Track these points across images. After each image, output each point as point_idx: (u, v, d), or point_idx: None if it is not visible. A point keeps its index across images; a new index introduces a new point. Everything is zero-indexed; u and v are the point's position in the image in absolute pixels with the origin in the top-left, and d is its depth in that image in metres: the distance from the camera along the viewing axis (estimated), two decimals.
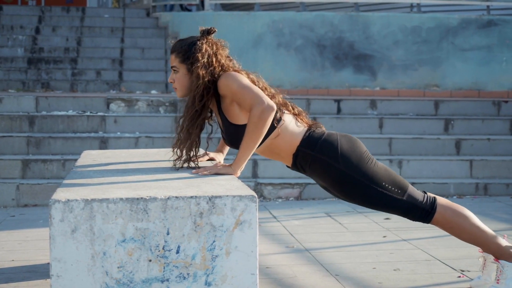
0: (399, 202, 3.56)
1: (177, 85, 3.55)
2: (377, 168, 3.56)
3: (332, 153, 3.53)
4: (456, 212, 3.61)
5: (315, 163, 3.55)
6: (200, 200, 2.78)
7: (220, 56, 3.54)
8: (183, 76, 3.52)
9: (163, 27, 11.30)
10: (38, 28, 11.18)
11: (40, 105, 7.82)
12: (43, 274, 4.18)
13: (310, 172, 3.61)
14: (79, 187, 2.99)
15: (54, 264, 2.71)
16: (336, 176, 3.53)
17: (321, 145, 3.54)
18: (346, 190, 3.57)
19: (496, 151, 7.73)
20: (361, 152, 3.57)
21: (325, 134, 3.58)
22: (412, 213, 3.59)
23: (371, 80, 10.07)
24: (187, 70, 3.51)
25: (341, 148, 3.54)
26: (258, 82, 3.55)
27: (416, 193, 3.60)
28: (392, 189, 3.54)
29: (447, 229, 3.65)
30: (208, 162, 3.79)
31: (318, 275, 4.20)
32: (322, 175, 3.58)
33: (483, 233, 3.62)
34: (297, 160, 3.59)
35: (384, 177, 3.54)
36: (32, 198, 6.63)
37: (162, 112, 7.98)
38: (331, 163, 3.52)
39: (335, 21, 10.12)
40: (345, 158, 3.52)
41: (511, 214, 6.16)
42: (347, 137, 3.62)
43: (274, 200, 6.88)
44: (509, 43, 10.03)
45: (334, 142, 3.55)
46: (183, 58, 3.51)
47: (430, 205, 3.59)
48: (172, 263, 2.78)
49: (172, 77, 3.56)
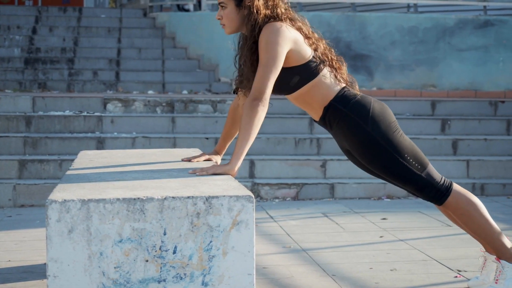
0: (417, 177, 3.55)
1: (225, 21, 3.52)
2: (403, 139, 3.56)
3: (363, 114, 3.52)
4: (469, 201, 3.61)
5: (344, 121, 3.54)
6: (197, 200, 2.78)
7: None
8: (232, 12, 3.50)
9: (160, 27, 11.30)
10: (35, 28, 11.18)
11: (36, 105, 7.82)
12: (39, 275, 4.17)
13: (337, 129, 3.59)
14: (76, 187, 2.99)
15: (51, 265, 2.71)
16: (363, 137, 3.52)
17: (354, 104, 3.54)
18: (368, 154, 3.55)
19: (493, 151, 7.74)
20: (391, 120, 3.57)
21: (360, 95, 3.59)
22: (427, 191, 3.58)
23: (368, 80, 10.07)
24: (235, 5, 3.49)
25: (373, 111, 3.54)
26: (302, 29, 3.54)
27: (435, 173, 3.60)
28: (413, 163, 3.54)
29: (457, 215, 3.63)
30: (205, 162, 3.79)
31: (315, 275, 4.20)
32: (348, 135, 3.57)
33: (491, 227, 3.62)
34: (327, 114, 3.58)
35: (407, 150, 3.54)
36: (28, 198, 6.63)
37: (159, 112, 7.97)
38: (360, 124, 3.52)
39: (332, 21, 10.13)
40: (374, 121, 3.52)
41: (508, 214, 6.16)
42: (380, 103, 3.62)
43: (271, 200, 6.88)
44: (505, 43, 10.04)
45: (367, 104, 3.55)
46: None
47: (446, 188, 3.59)
48: (169, 264, 2.77)
49: (219, 14, 3.53)
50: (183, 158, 3.84)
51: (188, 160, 3.81)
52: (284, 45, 3.40)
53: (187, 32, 10.71)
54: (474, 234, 3.67)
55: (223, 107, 8.06)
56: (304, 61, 3.49)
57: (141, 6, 13.17)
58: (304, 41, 3.51)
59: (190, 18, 10.86)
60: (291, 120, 7.82)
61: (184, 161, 3.81)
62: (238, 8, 3.49)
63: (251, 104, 3.32)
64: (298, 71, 3.47)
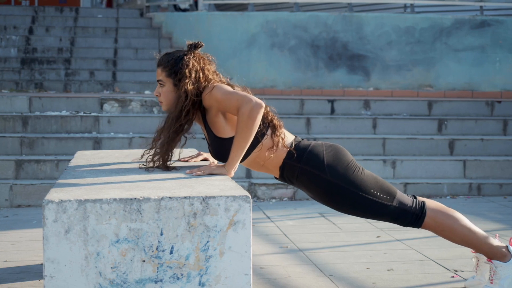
0: (389, 208, 3.56)
1: (163, 99, 3.54)
2: (364, 175, 3.55)
3: (319, 164, 3.53)
4: (446, 215, 3.61)
5: (302, 175, 3.55)
6: (193, 200, 2.78)
7: (207, 72, 3.52)
8: (169, 90, 3.52)
9: (156, 28, 11.29)
10: (32, 28, 11.16)
11: (33, 105, 7.81)
12: (36, 275, 4.17)
13: (298, 183, 3.61)
14: (73, 187, 2.99)
15: (48, 265, 2.70)
16: (324, 186, 3.53)
17: (307, 157, 3.54)
18: (335, 200, 3.57)
19: (490, 151, 7.74)
20: (347, 161, 3.57)
21: (311, 146, 3.57)
22: (402, 218, 3.60)
23: (364, 81, 10.07)
24: (173, 85, 3.50)
25: (327, 158, 3.54)
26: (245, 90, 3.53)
27: (405, 198, 3.60)
28: (381, 196, 3.54)
29: (438, 232, 3.65)
30: (202, 162, 3.79)
31: (312, 275, 4.21)
32: (310, 187, 3.58)
33: (474, 234, 3.62)
34: (284, 173, 3.60)
35: (372, 184, 3.54)
36: (25, 198, 6.62)
37: (156, 112, 7.97)
38: (318, 174, 3.52)
39: (329, 21, 10.13)
40: (331, 168, 3.52)
41: (504, 214, 6.17)
42: (333, 146, 3.61)
43: (268, 201, 6.88)
44: (502, 44, 10.05)
45: (320, 153, 3.55)
46: (169, 73, 3.50)
47: (420, 209, 3.59)
48: (166, 264, 2.77)
49: (158, 91, 3.55)
50: (180, 158, 3.85)
51: (185, 160, 3.82)
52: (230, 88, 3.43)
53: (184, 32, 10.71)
54: (460, 244, 3.68)
55: None
56: None
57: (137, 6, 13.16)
58: None
59: (187, 18, 10.85)
60: (288, 120, 7.82)
61: (181, 161, 3.81)
62: (176, 87, 3.49)
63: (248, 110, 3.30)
64: None
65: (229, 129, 3.45)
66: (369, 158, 7.42)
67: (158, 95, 3.56)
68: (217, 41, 9.89)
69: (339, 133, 7.85)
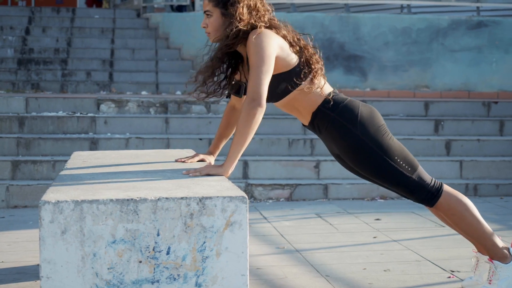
0: (408, 179, 3.56)
1: (211, 29, 3.53)
2: (392, 142, 3.56)
3: (352, 118, 3.53)
4: (460, 201, 3.61)
5: (332, 125, 3.55)
6: (190, 201, 2.78)
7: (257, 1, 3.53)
8: (217, 20, 3.51)
9: (153, 28, 11.29)
10: (28, 28, 11.16)
11: (30, 106, 7.80)
12: (32, 276, 4.16)
13: (326, 133, 3.60)
14: (69, 188, 2.98)
15: (44, 266, 2.70)
16: (352, 141, 3.53)
17: (342, 108, 3.55)
18: (358, 158, 3.56)
19: (486, 152, 7.75)
20: (379, 123, 3.58)
21: (348, 100, 3.59)
22: (418, 193, 3.59)
23: (361, 81, 10.09)
24: (221, 14, 3.49)
25: (361, 115, 3.54)
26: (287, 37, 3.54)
27: (425, 175, 3.61)
28: (403, 165, 3.55)
29: (448, 216, 3.64)
30: (199, 163, 3.79)
31: (308, 276, 4.21)
32: (337, 139, 3.58)
33: (482, 227, 3.62)
34: (315, 119, 3.59)
35: (397, 152, 3.55)
36: (22, 199, 6.61)
37: (153, 113, 7.97)
38: (349, 128, 3.53)
39: (326, 22, 10.14)
40: (363, 125, 3.53)
41: (501, 215, 6.18)
42: (369, 106, 3.62)
43: (265, 201, 6.88)
44: (498, 44, 10.06)
45: (355, 108, 3.56)
46: (217, 2, 3.49)
47: (437, 189, 3.60)
48: (163, 264, 2.77)
49: (205, 22, 3.54)
50: (177, 159, 3.85)
51: (182, 161, 3.81)
52: (272, 48, 3.42)
53: (181, 32, 10.71)
54: (466, 234, 3.68)
55: (217, 108, 8.06)
56: (290, 67, 3.50)
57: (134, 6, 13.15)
58: (289, 48, 3.52)
59: (184, 18, 10.85)
60: (285, 121, 7.82)
61: (178, 162, 3.81)
62: (224, 16, 3.50)
63: (248, 107, 3.31)
64: (284, 77, 3.47)
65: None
66: None
67: (205, 26, 3.54)
68: None
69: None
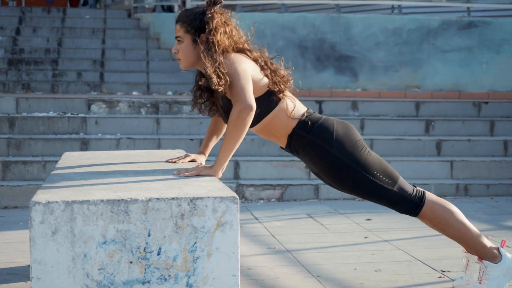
0: (389, 192, 3.57)
1: (182, 55, 3.53)
2: (370, 156, 3.57)
3: (328, 137, 3.54)
4: (444, 208, 3.62)
5: (309, 146, 3.56)
6: (181, 201, 2.78)
7: (230, 26, 3.54)
8: (188, 47, 3.51)
9: (144, 28, 11.27)
10: (19, 29, 11.12)
11: (20, 106, 7.78)
12: (23, 277, 4.15)
13: (303, 155, 3.61)
14: (60, 188, 2.98)
15: (35, 266, 2.70)
16: (329, 161, 3.54)
17: (317, 129, 3.55)
18: (337, 176, 3.57)
19: (476, 152, 7.77)
20: (356, 139, 3.58)
21: (322, 119, 3.59)
22: (400, 204, 3.60)
23: (352, 81, 10.10)
24: (192, 41, 3.49)
25: (336, 133, 3.55)
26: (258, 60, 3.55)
27: (406, 185, 3.61)
28: (383, 179, 3.55)
29: (434, 223, 3.66)
30: (190, 163, 3.78)
31: (299, 276, 4.21)
32: (315, 159, 3.59)
33: (469, 230, 3.63)
34: (291, 142, 3.60)
35: (376, 166, 3.55)
36: (12, 200, 6.59)
37: (144, 113, 7.96)
38: (325, 148, 3.53)
39: (317, 22, 10.14)
40: (339, 143, 3.53)
41: (491, 215, 6.19)
42: (344, 123, 3.63)
43: (256, 201, 6.88)
44: (489, 45, 10.09)
45: (330, 126, 3.56)
46: (188, 28, 3.49)
47: (419, 199, 3.60)
48: (153, 265, 2.77)
49: (176, 48, 3.54)
50: (168, 159, 3.84)
51: (173, 161, 3.81)
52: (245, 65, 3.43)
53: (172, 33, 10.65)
54: (453, 239, 3.69)
55: None
56: (262, 92, 3.51)
57: (125, 7, 13.13)
58: (260, 72, 3.51)
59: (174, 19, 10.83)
60: None
61: (169, 162, 3.80)
62: (195, 43, 3.49)
63: (237, 110, 3.31)
64: (257, 103, 3.44)
65: None
66: None
67: (176, 52, 3.54)
68: None
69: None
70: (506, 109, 8.57)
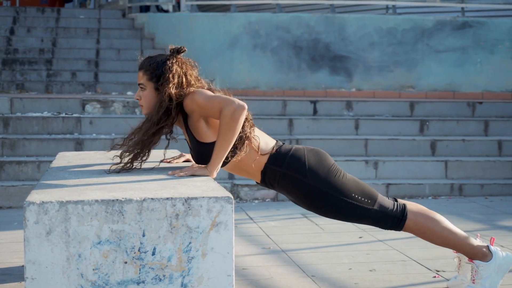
0: (370, 212, 3.58)
1: (144, 102, 3.52)
2: (345, 180, 3.57)
3: (300, 168, 3.53)
4: (427, 218, 3.64)
5: (283, 180, 3.56)
6: (176, 201, 2.78)
7: (190, 77, 3.51)
8: (150, 94, 3.50)
9: (139, 28, 11.26)
10: (13, 29, 11.10)
11: (14, 106, 7.76)
12: (17, 277, 4.14)
13: (280, 188, 3.62)
14: (54, 189, 2.97)
15: (29, 267, 2.69)
16: (306, 190, 3.54)
17: (288, 161, 3.54)
18: (316, 204, 3.58)
19: (471, 152, 7.78)
20: (329, 165, 3.58)
21: (292, 150, 3.58)
22: (383, 221, 3.62)
23: (347, 81, 10.10)
24: (154, 89, 3.48)
25: (308, 162, 3.54)
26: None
27: (386, 201, 3.62)
28: (362, 200, 3.56)
29: (419, 234, 3.68)
30: (184, 163, 3.78)
31: (294, 276, 4.21)
32: (291, 191, 3.59)
33: (455, 235, 3.64)
34: (265, 177, 3.60)
35: (353, 188, 3.56)
36: (6, 200, 6.58)
37: (138, 113, 7.95)
38: (299, 178, 3.53)
39: (311, 22, 10.15)
40: (313, 172, 3.53)
41: (486, 215, 6.20)
42: (314, 151, 3.62)
43: (251, 201, 6.88)
44: (483, 45, 10.11)
45: (301, 157, 3.55)
46: (150, 76, 3.49)
47: (401, 213, 3.62)
48: (148, 265, 2.77)
49: (138, 94, 3.54)
50: (163, 159, 3.84)
51: (167, 161, 3.81)
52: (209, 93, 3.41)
53: (166, 33, 10.69)
54: (441, 246, 3.71)
55: None
56: None
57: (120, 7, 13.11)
58: None
59: (169, 19, 10.83)
60: (270, 121, 7.82)
61: (164, 162, 3.80)
62: (157, 91, 3.48)
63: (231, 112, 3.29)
64: None
65: (211, 134, 3.44)
66: (351, 159, 7.44)
67: (138, 99, 3.54)
68: (199, 42, 9.88)
69: (321, 134, 7.86)
70: (500, 109, 8.59)
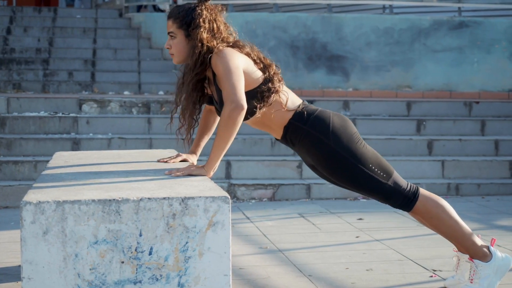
0: (383, 186, 3.58)
1: (174, 50, 3.54)
2: (365, 149, 3.58)
3: (324, 128, 3.54)
4: (436, 203, 3.64)
5: (305, 138, 3.56)
6: (172, 201, 2.78)
7: (219, 22, 3.54)
8: (181, 42, 3.52)
9: (135, 28, 11.26)
10: (10, 28, 11.09)
11: (11, 106, 7.76)
12: (14, 277, 4.14)
13: (299, 146, 3.61)
14: (51, 188, 2.97)
15: (26, 267, 2.69)
16: (325, 152, 3.54)
17: (313, 120, 3.55)
18: (332, 168, 3.57)
19: (468, 152, 7.79)
20: (352, 132, 3.59)
21: (318, 110, 3.60)
22: (394, 198, 3.61)
23: (344, 81, 10.11)
24: (184, 36, 3.51)
25: (333, 125, 3.55)
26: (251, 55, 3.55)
27: (401, 180, 3.63)
28: (378, 172, 3.56)
29: (426, 219, 3.67)
30: (181, 163, 3.78)
31: (291, 276, 4.21)
32: (311, 150, 3.58)
33: (461, 228, 3.65)
34: (287, 133, 3.60)
35: (371, 159, 3.56)
36: (3, 200, 6.57)
37: (135, 113, 7.95)
38: (321, 139, 3.53)
39: (308, 22, 10.15)
40: (335, 135, 3.54)
41: (482, 214, 6.21)
42: (340, 116, 3.64)
43: (248, 201, 6.88)
44: (480, 45, 10.12)
45: (326, 118, 3.57)
46: (181, 24, 3.51)
47: (413, 194, 3.62)
48: (145, 265, 2.77)
49: (168, 43, 3.56)
50: (159, 159, 3.84)
51: (164, 161, 3.81)
52: (237, 60, 3.43)
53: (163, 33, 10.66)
54: (445, 235, 3.70)
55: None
56: (256, 84, 3.51)
57: (116, 6, 13.11)
58: (254, 65, 3.52)
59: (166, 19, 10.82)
60: None
61: (160, 162, 3.80)
62: (188, 38, 3.51)
63: (228, 110, 3.31)
64: (252, 95, 3.47)
65: None
66: None
67: (169, 48, 3.56)
68: None
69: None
70: (497, 109, 8.60)
